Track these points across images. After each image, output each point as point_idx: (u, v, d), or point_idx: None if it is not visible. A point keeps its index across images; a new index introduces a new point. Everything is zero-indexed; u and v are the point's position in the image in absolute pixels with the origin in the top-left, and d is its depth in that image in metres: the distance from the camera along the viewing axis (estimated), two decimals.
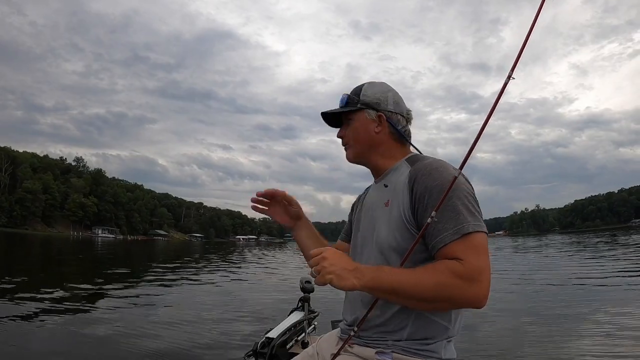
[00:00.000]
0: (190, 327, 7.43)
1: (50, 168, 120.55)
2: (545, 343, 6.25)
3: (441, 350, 1.46)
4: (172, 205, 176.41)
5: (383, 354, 1.47)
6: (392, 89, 1.73)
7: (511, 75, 1.36)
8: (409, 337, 1.45)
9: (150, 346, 6.10)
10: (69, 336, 6.57)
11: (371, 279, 1.35)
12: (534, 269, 19.04)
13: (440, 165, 1.48)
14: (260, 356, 2.30)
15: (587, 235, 72.07)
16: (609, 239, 45.63)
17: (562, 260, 22.78)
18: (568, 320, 7.66)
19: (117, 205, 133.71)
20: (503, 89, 1.39)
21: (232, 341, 6.48)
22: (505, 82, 1.38)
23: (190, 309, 9.21)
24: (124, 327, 7.25)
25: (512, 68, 1.37)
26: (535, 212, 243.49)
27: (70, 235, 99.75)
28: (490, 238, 1.42)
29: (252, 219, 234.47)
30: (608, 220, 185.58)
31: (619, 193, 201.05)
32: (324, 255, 1.38)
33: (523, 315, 8.31)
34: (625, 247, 29.86)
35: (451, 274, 1.30)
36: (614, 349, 5.60)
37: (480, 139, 1.40)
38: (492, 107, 1.39)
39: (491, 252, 1.38)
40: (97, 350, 5.90)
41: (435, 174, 1.44)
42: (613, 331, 6.54)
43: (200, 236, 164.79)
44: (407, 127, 1.71)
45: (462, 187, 1.41)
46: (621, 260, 19.94)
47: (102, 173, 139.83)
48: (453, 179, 1.36)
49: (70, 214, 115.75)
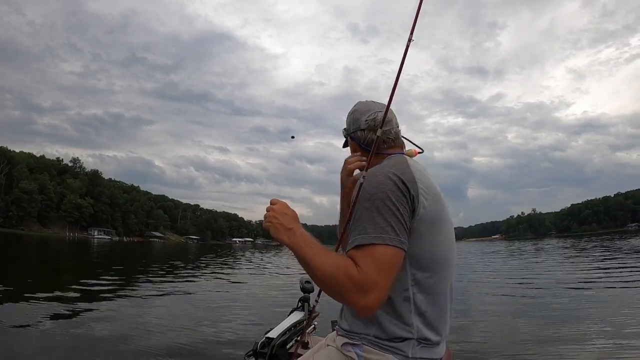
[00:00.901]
0: (190, 327, 7.45)
1: (46, 168, 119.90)
2: (530, 344, 6.29)
3: (409, 350, 1.51)
4: (169, 207, 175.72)
5: (354, 345, 1.56)
6: (356, 108, 1.88)
7: (411, 38, 1.54)
8: (376, 334, 1.53)
9: (150, 347, 6.12)
10: (63, 337, 6.57)
11: (294, 243, 1.48)
12: (523, 272, 19.09)
13: (370, 173, 1.55)
14: (260, 356, 2.31)
15: (583, 239, 72.02)
16: (604, 243, 45.69)
17: (554, 264, 22.77)
18: (555, 322, 7.68)
19: (113, 206, 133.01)
20: (405, 53, 1.56)
21: (232, 341, 6.50)
22: (407, 45, 1.55)
23: (190, 309, 9.23)
24: (123, 327, 7.28)
25: (411, 31, 1.55)
26: (532, 216, 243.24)
27: (66, 236, 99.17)
28: (486, 242, 1.46)
29: (249, 222, 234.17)
30: (604, 224, 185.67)
31: (616, 197, 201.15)
32: (274, 207, 1.56)
33: (510, 316, 8.35)
34: (619, 251, 29.89)
35: (345, 274, 1.38)
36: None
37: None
38: (397, 76, 1.56)
39: (486, 255, 1.42)
40: (98, 350, 5.91)
41: (365, 183, 1.52)
42: (602, 334, 6.56)
43: (196, 238, 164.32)
44: (369, 136, 1.81)
45: (380, 194, 1.46)
46: (609, 262, 19.96)
47: (99, 174, 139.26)
48: (382, 186, 1.46)
49: (67, 215, 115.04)
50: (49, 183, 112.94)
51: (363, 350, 1.53)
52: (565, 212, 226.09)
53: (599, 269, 17.98)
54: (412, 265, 1.50)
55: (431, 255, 1.53)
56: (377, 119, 1.75)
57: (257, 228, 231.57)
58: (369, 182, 1.49)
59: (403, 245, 1.42)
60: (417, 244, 1.48)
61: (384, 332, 1.51)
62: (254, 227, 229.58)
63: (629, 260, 21.15)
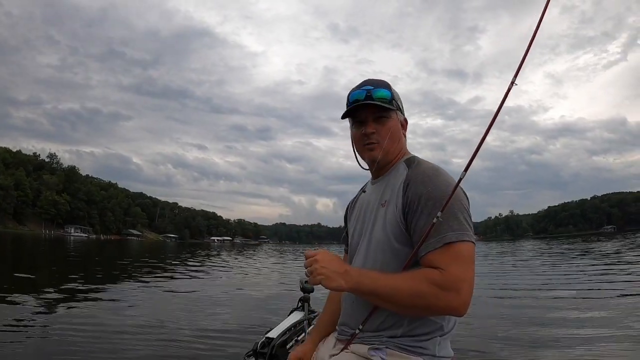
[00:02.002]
0: (190, 327, 7.35)
1: (22, 164, 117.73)
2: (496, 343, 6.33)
3: (435, 347, 1.49)
4: (147, 205, 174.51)
5: (378, 350, 1.51)
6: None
7: (514, 81, 1.42)
8: (404, 334, 1.49)
9: (149, 347, 6.03)
10: (35, 339, 6.42)
11: (356, 283, 1.44)
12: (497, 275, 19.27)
13: (434, 173, 1.52)
14: (260, 356, 2.30)
15: (559, 241, 73.18)
16: (579, 245, 46.44)
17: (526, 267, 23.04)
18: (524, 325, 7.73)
19: (90, 203, 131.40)
20: (506, 95, 1.43)
21: (232, 341, 6.42)
22: (509, 88, 1.42)
23: (190, 309, 9.13)
24: (122, 327, 7.16)
25: (515, 74, 1.42)
26: (510, 217, 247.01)
27: (42, 234, 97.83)
28: None
29: (227, 220, 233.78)
30: (580, 226, 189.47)
31: (592, 200, 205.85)
32: (317, 258, 1.47)
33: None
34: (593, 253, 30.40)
35: (428, 283, 1.36)
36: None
37: (480, 149, 1.43)
38: (495, 114, 1.45)
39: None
40: (97, 350, 5.80)
41: (428, 182, 1.49)
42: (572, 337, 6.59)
43: (174, 237, 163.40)
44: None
45: (455, 198, 1.43)
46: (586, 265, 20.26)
47: (76, 170, 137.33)
48: (453, 186, 1.43)
49: (43, 212, 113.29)
50: (25, 179, 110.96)
51: (387, 354, 1.50)
52: (542, 214, 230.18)
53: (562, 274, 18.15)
54: None
55: None
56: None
57: (236, 227, 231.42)
58: (435, 184, 1.49)
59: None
60: None
61: (415, 328, 1.49)
62: (232, 226, 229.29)
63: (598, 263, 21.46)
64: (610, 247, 35.59)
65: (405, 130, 1.75)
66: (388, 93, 1.65)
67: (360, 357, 1.55)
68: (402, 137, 1.72)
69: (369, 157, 1.69)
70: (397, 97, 1.70)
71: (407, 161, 1.65)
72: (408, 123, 1.77)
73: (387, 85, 1.69)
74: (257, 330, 5.77)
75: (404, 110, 1.75)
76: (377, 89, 1.65)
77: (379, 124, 1.65)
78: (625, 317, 7.67)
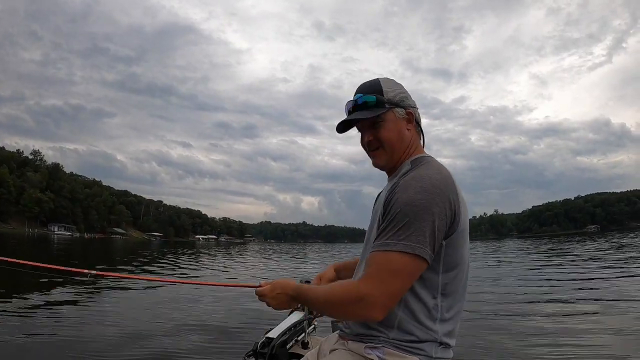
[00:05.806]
0: (190, 327, 7.33)
1: (5, 161, 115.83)
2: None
3: (432, 349, 1.49)
4: (131, 203, 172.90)
5: (375, 348, 1.52)
6: (399, 84, 1.72)
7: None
8: (396, 336, 1.50)
9: (149, 347, 5.99)
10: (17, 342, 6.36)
11: (302, 301, 1.63)
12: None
13: (416, 179, 1.48)
14: (260, 356, 2.29)
15: (542, 241, 73.83)
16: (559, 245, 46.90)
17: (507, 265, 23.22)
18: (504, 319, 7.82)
19: (74, 201, 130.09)
20: None
21: (232, 341, 6.41)
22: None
23: (190, 309, 9.07)
24: (120, 327, 7.13)
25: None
26: (494, 216, 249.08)
27: (26, 232, 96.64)
28: None
29: (212, 219, 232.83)
30: (564, 225, 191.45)
31: (576, 200, 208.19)
32: (265, 294, 1.69)
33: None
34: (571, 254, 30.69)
35: (347, 295, 1.44)
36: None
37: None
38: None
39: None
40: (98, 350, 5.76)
41: (404, 188, 1.47)
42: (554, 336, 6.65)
43: (159, 235, 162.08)
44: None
45: (422, 205, 1.40)
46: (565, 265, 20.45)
47: (60, 167, 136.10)
48: (428, 194, 1.41)
49: (26, 210, 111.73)
50: (8, 176, 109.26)
51: (384, 353, 1.50)
52: (527, 214, 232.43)
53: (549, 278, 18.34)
54: (444, 272, 1.50)
55: (462, 259, 1.54)
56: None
57: (221, 225, 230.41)
58: (409, 194, 1.44)
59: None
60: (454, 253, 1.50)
61: (406, 335, 1.49)
62: (217, 224, 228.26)
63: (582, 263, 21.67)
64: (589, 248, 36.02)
65: (413, 122, 1.68)
66: (372, 98, 1.62)
67: (357, 355, 1.57)
68: (406, 132, 1.66)
69: (374, 165, 1.72)
70: (393, 92, 1.65)
71: (414, 162, 1.61)
72: (416, 112, 1.70)
73: (376, 85, 1.66)
74: (257, 330, 5.77)
75: (406, 101, 1.67)
76: (364, 96, 1.64)
77: (374, 129, 1.65)
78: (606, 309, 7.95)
